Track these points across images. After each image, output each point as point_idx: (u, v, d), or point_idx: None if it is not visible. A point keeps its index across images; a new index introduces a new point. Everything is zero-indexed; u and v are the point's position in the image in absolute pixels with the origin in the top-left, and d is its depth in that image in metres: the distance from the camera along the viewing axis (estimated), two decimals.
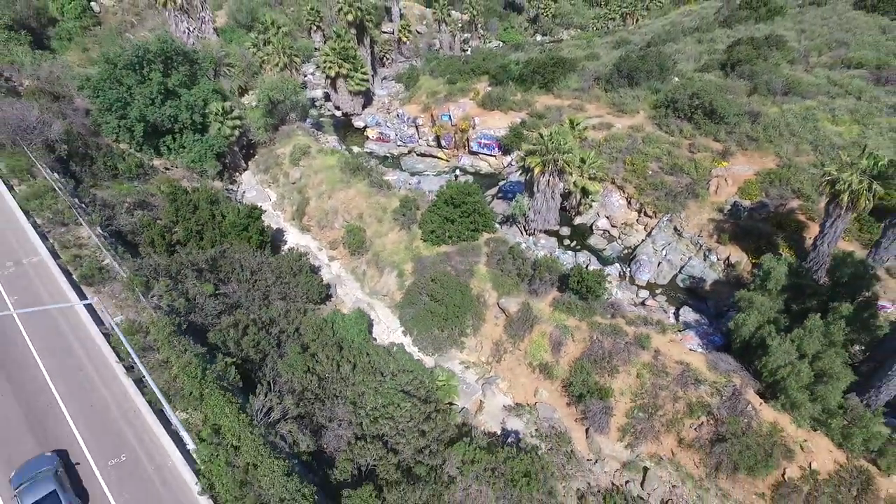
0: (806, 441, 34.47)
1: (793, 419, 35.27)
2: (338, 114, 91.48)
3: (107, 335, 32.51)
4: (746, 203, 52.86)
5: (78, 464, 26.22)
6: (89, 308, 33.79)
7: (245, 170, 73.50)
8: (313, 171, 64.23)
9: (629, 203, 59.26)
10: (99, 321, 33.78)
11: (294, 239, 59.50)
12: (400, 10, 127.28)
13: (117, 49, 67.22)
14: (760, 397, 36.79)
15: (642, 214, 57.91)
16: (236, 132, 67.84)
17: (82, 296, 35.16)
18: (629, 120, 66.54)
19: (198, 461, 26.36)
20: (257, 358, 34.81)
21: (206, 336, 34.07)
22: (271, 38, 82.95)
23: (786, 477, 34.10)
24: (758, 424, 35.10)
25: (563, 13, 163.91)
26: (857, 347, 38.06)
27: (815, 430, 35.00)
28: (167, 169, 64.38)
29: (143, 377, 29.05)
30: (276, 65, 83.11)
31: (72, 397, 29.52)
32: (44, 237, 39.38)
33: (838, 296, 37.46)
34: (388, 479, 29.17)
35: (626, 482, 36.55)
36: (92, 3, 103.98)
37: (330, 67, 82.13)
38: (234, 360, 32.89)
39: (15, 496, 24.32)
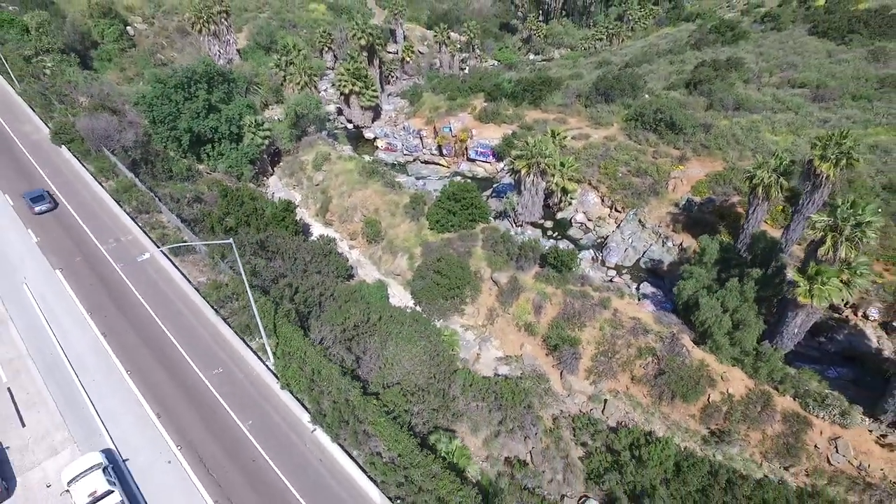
0: (725, 373, 45.05)
1: (717, 358, 45.85)
2: (350, 126, 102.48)
3: (196, 289, 43.06)
4: (697, 199, 63.86)
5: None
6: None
7: (271, 174, 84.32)
8: (334, 175, 75.13)
9: (602, 200, 70.19)
10: (187, 281, 44.33)
11: (319, 231, 70.02)
12: (403, 32, 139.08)
13: (158, 71, 78.37)
14: (694, 343, 47.44)
15: (613, 209, 68.82)
16: (266, 141, 78.78)
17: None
18: (604, 131, 77.69)
19: (276, 371, 36.77)
20: (305, 311, 45.21)
21: (267, 294, 44.52)
22: (294, 60, 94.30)
23: (710, 400, 44.65)
24: (690, 362, 45.67)
25: (555, 34, 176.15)
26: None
27: (733, 366, 45.56)
28: (209, 173, 75.07)
29: (227, 318, 39.58)
30: (298, 83, 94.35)
31: (177, 332, 39.93)
32: (133, 221, 50.03)
33: (754, 265, 48.37)
34: (410, 391, 39.62)
35: (591, 409, 46.96)
36: (128, 28, 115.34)
37: (344, 85, 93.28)
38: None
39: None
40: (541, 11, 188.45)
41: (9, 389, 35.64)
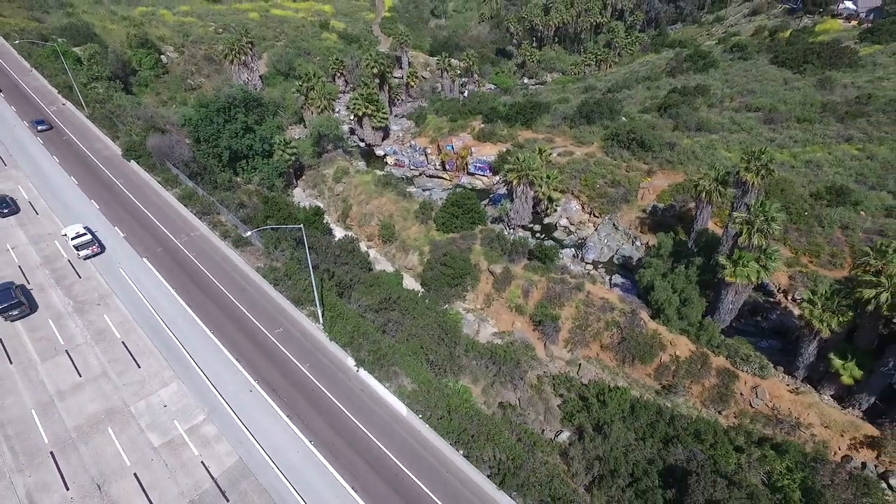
0: (674, 340, 56.70)
1: (667, 328, 57.52)
2: (362, 145, 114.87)
3: (257, 271, 54.84)
4: (661, 205, 75.95)
5: None
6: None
7: (296, 186, 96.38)
8: (353, 186, 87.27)
9: (583, 207, 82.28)
10: (248, 266, 56.11)
11: (340, 234, 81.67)
12: (408, 59, 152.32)
13: (202, 97, 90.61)
14: (650, 317, 59.16)
15: (592, 215, 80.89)
16: (293, 158, 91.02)
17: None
18: (586, 149, 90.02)
19: (325, 329, 48.36)
20: (339, 291, 56.84)
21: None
22: (314, 86, 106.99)
23: (661, 361, 56.28)
24: (646, 332, 57.32)
25: (548, 59, 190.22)
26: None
27: (681, 334, 57.22)
28: (245, 184, 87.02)
29: (282, 292, 51.34)
30: (318, 107, 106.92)
31: (244, 302, 51.50)
32: (199, 220, 61.87)
33: (699, 256, 60.34)
34: (425, 345, 51.23)
35: (568, 371, 58.47)
36: (161, 56, 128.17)
37: (359, 108, 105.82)
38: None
39: None
40: (534, 38, 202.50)
41: (123, 343, 47.19)
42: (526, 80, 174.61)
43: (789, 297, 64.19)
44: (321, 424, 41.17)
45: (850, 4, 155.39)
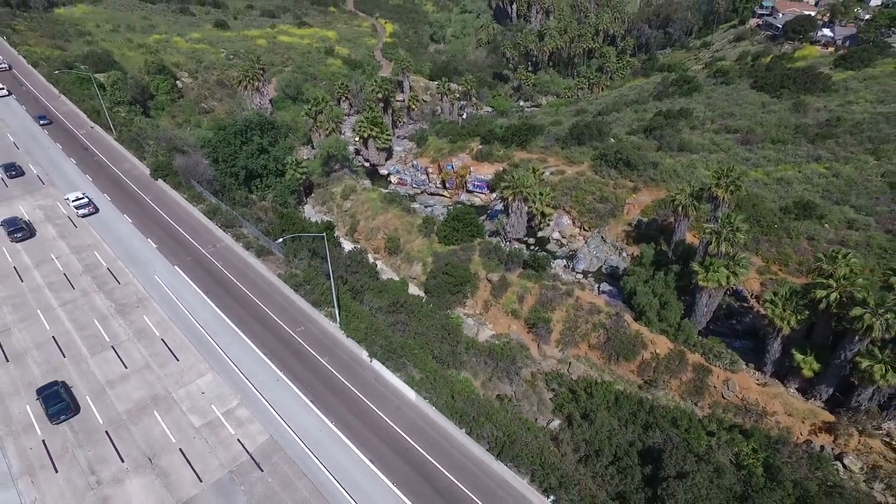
0: (654, 339, 62.73)
1: (648, 329, 63.61)
2: (367, 164, 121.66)
3: (279, 277, 61.01)
4: (645, 219, 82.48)
5: None
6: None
7: (306, 203, 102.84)
8: (360, 203, 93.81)
9: (574, 222, 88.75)
10: (271, 272, 62.24)
11: (348, 246, 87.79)
12: (409, 83, 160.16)
13: (220, 120, 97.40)
14: (633, 319, 65.25)
15: (582, 229, 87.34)
16: (303, 176, 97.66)
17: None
18: (576, 168, 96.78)
19: (342, 327, 54.32)
20: (352, 296, 62.89)
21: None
22: (323, 110, 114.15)
23: (643, 359, 62.25)
24: (629, 332, 63.36)
25: (542, 83, 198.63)
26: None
27: (660, 334, 63.28)
28: (259, 201, 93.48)
29: (303, 295, 57.44)
30: (326, 129, 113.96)
31: (268, 305, 57.45)
32: (224, 232, 68.20)
33: (677, 264, 66.66)
34: (430, 343, 57.14)
35: (559, 369, 64.35)
36: (177, 82, 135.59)
37: (364, 131, 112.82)
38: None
39: None
40: (530, 63, 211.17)
41: (162, 340, 53.11)
42: (522, 103, 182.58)
43: (761, 302, 70.41)
44: (340, 407, 47.01)
45: (827, 32, 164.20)
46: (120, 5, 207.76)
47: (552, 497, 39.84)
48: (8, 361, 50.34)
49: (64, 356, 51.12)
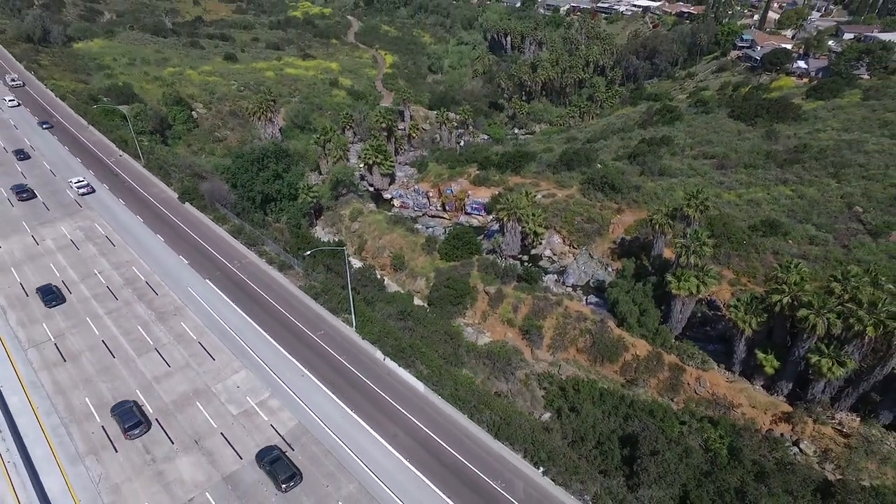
0: (634, 343, 70.09)
1: (630, 334, 71.02)
2: (371, 189, 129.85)
3: (300, 288, 68.44)
4: (628, 238, 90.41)
5: None
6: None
7: (316, 225, 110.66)
8: (367, 224, 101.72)
9: (564, 240, 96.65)
10: (292, 284, 69.69)
11: (357, 264, 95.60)
12: (410, 113, 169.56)
13: (241, 150, 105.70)
14: (616, 325, 72.68)
15: (571, 247, 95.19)
16: (314, 200, 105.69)
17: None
18: (566, 191, 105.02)
19: (358, 330, 61.59)
20: (365, 305, 70.27)
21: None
22: (331, 138, 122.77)
23: (625, 360, 69.55)
24: (612, 337, 70.77)
25: (536, 111, 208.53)
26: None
27: (640, 339, 70.65)
28: (275, 223, 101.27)
29: (322, 304, 64.87)
30: (334, 156, 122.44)
31: (291, 312, 64.75)
32: (248, 249, 75.80)
33: (654, 275, 74.41)
34: (434, 344, 64.40)
35: (550, 370, 71.51)
36: (192, 112, 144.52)
37: (369, 158, 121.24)
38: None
39: None
40: (523, 92, 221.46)
41: (199, 343, 60.30)
42: (516, 131, 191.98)
43: (728, 309, 77.98)
44: (358, 397, 54.15)
45: (802, 64, 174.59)
46: (133, 39, 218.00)
47: (542, 468, 46.82)
48: (66, 361, 57.44)
49: (113, 357, 58.25)
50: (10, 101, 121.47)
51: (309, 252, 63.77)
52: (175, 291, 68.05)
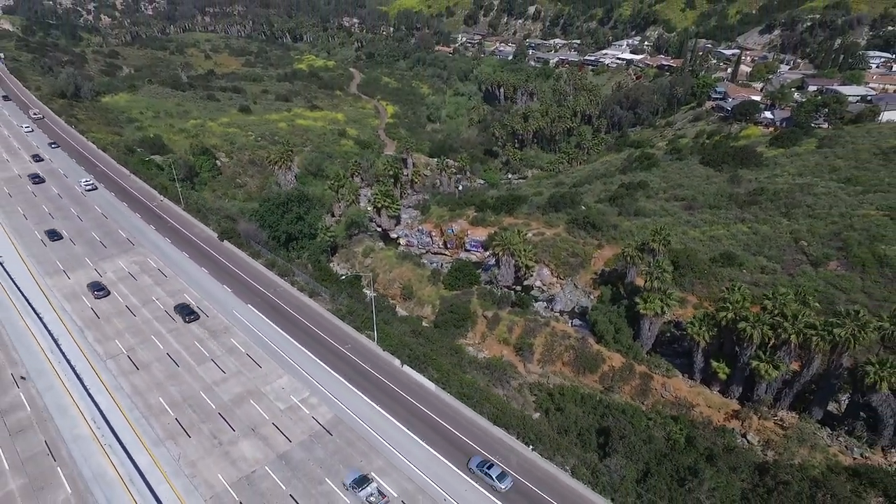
0: (611, 356, 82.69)
1: (607, 349, 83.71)
2: (379, 230, 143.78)
3: (328, 310, 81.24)
4: (607, 269, 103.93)
5: None
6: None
7: (332, 261, 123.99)
8: (379, 260, 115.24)
9: (552, 272, 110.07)
10: (320, 307, 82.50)
11: (370, 294, 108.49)
12: (412, 160, 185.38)
13: (267, 194, 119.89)
14: (595, 342, 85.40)
15: (558, 278, 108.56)
16: (331, 239, 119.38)
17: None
18: (554, 230, 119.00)
19: (379, 343, 74.14)
20: (383, 325, 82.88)
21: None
22: (343, 184, 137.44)
23: (603, 371, 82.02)
24: (592, 351, 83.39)
25: (528, 158, 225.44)
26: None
27: (616, 353, 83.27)
28: (296, 258, 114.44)
29: (348, 323, 77.78)
30: (347, 200, 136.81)
31: (321, 330, 77.39)
32: (281, 279, 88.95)
33: (627, 300, 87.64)
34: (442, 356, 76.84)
35: (540, 381, 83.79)
36: (216, 161, 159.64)
37: (379, 202, 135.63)
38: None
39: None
40: (516, 140, 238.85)
41: (248, 355, 72.72)
42: (510, 176, 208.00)
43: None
44: (381, 395, 66.43)
45: (768, 114, 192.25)
46: (155, 93, 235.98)
47: (531, 446, 58.92)
48: (139, 370, 69.75)
49: (177, 366, 70.63)
50: (51, 144, 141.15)
51: (344, 275, 76.81)
52: (222, 314, 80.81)
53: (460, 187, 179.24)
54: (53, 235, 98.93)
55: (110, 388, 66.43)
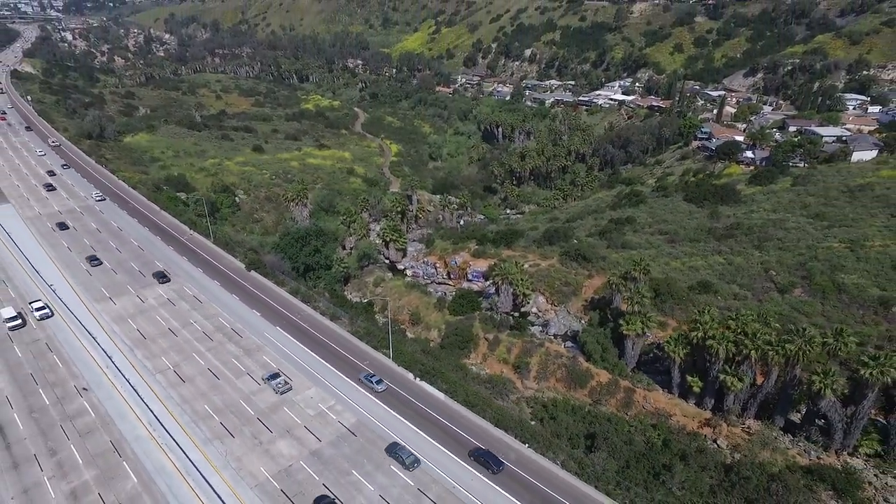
0: (598, 373, 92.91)
1: (595, 366, 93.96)
2: (387, 262, 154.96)
3: (347, 331, 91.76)
4: (597, 296, 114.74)
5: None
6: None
7: (345, 290, 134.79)
8: (389, 289, 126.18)
9: (547, 300, 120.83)
10: (342, 330, 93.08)
11: (381, 320, 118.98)
12: (417, 197, 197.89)
13: (289, 228, 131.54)
14: (585, 361, 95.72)
15: (553, 305, 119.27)
16: (344, 270, 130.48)
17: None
18: (549, 261, 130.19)
19: (395, 359, 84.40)
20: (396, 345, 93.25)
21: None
22: (355, 220, 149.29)
23: (592, 386, 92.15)
24: (582, 369, 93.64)
25: (525, 194, 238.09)
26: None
27: (603, 370, 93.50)
28: (312, 288, 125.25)
29: (366, 342, 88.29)
30: (358, 235, 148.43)
31: (342, 348, 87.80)
32: (304, 304, 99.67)
33: (613, 323, 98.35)
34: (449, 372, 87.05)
35: (536, 395, 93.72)
36: (236, 198, 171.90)
37: (387, 236, 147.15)
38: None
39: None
40: (514, 177, 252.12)
41: (279, 370, 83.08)
42: (508, 212, 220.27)
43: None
44: (398, 404, 76.64)
45: (749, 154, 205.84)
46: (173, 133, 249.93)
47: (527, 444, 68.93)
48: (185, 382, 79.99)
49: (218, 379, 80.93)
50: (99, 196, 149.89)
51: (367, 299, 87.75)
52: (254, 335, 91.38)
53: (462, 222, 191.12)
54: (94, 260, 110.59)
55: (161, 398, 76.60)
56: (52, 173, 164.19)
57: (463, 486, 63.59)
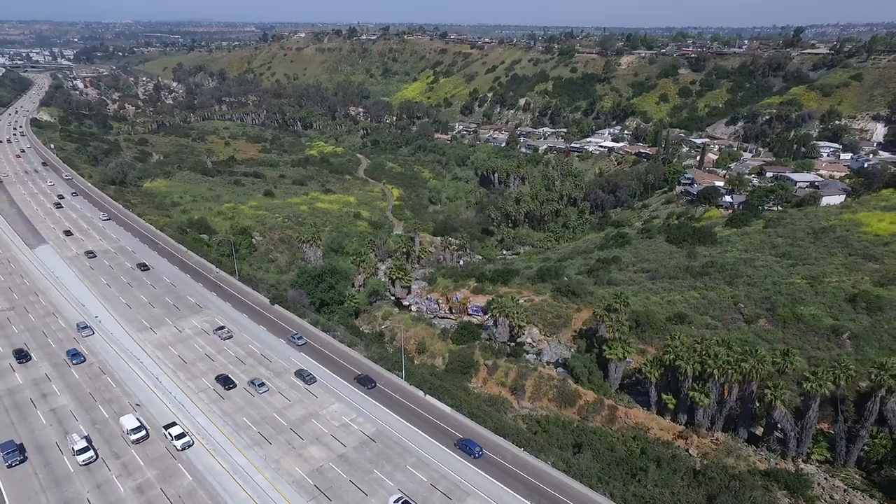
0: (585, 393, 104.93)
1: (582, 387, 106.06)
2: (393, 298, 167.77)
3: (363, 355, 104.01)
4: (585, 327, 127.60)
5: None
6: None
7: (356, 322, 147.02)
8: (396, 321, 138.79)
9: (540, 331, 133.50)
10: (359, 354, 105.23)
11: (390, 350, 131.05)
12: (419, 239, 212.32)
13: (304, 267, 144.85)
14: (574, 382, 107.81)
15: (546, 335, 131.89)
16: (356, 305, 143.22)
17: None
18: (542, 297, 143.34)
19: (406, 379, 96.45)
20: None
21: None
22: (365, 259, 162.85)
23: (580, 405, 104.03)
24: (571, 389, 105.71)
25: (520, 236, 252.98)
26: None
27: (590, 390, 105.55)
28: (327, 321, 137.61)
29: (380, 364, 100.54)
30: (367, 273, 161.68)
31: (359, 370, 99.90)
32: (325, 333, 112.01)
33: (598, 348, 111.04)
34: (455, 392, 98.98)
35: (531, 413, 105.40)
36: (252, 240, 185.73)
37: (394, 274, 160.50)
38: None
39: None
40: (509, 220, 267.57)
41: (305, 388, 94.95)
42: (504, 252, 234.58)
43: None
44: (409, 416, 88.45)
45: (728, 198, 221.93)
46: (188, 179, 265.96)
47: (522, 447, 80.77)
48: (223, 399, 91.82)
49: (253, 396, 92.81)
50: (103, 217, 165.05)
51: (383, 325, 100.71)
52: (281, 359, 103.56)
53: (461, 262, 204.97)
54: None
55: (205, 412, 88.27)
56: (86, 218, 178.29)
57: (465, 481, 75.21)
